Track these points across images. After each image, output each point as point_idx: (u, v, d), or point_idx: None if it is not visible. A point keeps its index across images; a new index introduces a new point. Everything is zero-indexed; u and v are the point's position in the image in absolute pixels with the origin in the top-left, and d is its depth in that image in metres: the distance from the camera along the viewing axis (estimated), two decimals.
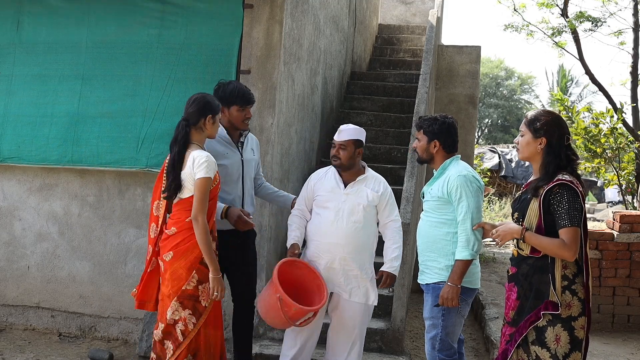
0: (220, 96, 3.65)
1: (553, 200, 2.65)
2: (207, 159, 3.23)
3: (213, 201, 3.35)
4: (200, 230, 3.19)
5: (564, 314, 2.65)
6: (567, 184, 2.62)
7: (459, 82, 8.50)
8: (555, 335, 2.64)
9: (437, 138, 3.41)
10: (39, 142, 4.85)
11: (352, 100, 7.48)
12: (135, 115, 4.70)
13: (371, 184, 3.69)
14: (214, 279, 3.24)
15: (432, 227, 3.36)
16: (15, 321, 5.02)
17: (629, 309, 5.17)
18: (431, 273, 3.34)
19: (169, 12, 4.73)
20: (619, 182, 8.06)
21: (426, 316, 3.39)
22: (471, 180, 3.27)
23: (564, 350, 2.64)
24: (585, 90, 31.02)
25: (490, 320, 5.30)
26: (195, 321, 3.27)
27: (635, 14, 9.78)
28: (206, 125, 3.36)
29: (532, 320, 2.69)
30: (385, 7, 11.60)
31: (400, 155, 6.47)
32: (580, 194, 2.63)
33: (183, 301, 3.26)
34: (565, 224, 2.61)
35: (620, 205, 13.70)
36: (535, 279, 2.71)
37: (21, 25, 4.99)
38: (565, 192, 2.62)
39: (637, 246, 5.12)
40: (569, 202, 2.61)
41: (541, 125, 2.73)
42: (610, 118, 7.81)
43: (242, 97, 3.66)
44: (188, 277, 3.25)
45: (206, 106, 3.36)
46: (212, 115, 3.37)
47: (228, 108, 3.66)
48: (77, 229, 4.92)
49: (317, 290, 3.57)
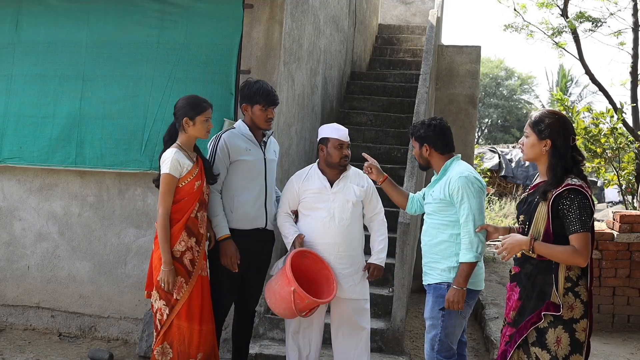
0: (245, 94, 3.69)
1: (563, 205, 2.61)
2: (172, 157, 3.38)
3: (185, 202, 3.43)
4: (159, 221, 3.38)
5: (566, 315, 2.64)
6: (577, 188, 2.59)
7: (459, 82, 8.50)
8: (556, 337, 2.63)
9: (426, 142, 3.42)
10: (41, 143, 4.85)
11: (352, 100, 7.48)
12: (137, 116, 4.70)
13: (355, 179, 3.73)
14: (164, 271, 3.36)
15: (435, 230, 3.35)
16: (15, 321, 5.02)
17: (629, 309, 5.17)
18: (434, 274, 3.34)
19: (169, 12, 4.73)
20: (619, 182, 8.06)
21: (426, 316, 3.39)
22: (472, 181, 3.25)
23: (564, 353, 2.63)
24: (585, 90, 31.01)
25: (490, 320, 5.30)
26: (168, 312, 3.40)
27: (634, 14, 9.77)
28: (185, 128, 3.47)
29: (533, 321, 2.68)
30: (385, 7, 11.60)
31: (400, 155, 6.47)
32: (590, 197, 2.62)
33: (159, 292, 3.41)
34: (577, 229, 2.57)
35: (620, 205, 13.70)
36: (539, 279, 2.70)
37: (20, 25, 4.98)
38: (575, 197, 2.59)
39: (637, 246, 5.12)
40: (580, 208, 2.58)
41: (546, 126, 2.70)
42: (610, 118, 7.81)
43: (266, 97, 3.66)
44: (160, 267, 3.39)
45: (182, 109, 3.47)
46: (189, 118, 3.45)
47: (251, 107, 3.68)
48: (77, 229, 4.92)
49: (325, 281, 3.59)
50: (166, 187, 3.39)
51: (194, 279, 3.45)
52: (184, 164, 3.40)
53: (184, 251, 3.43)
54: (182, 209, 3.43)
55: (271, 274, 3.77)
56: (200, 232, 3.50)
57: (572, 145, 2.70)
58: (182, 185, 3.42)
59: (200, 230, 3.50)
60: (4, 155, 4.93)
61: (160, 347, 3.42)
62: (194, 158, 3.50)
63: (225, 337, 4.45)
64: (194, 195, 3.45)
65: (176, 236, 3.40)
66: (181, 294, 3.41)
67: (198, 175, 3.47)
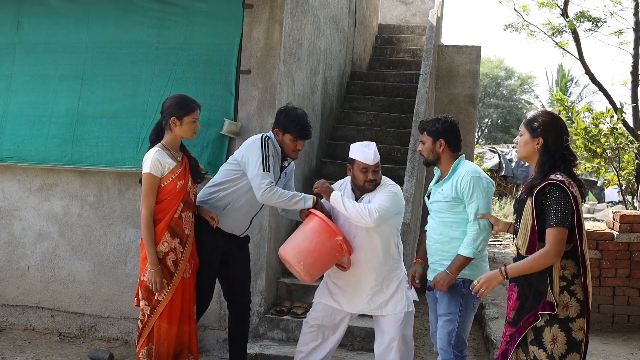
0: (281, 120, 3.68)
1: (544, 199, 2.65)
2: (153, 157, 3.36)
3: (167, 201, 3.41)
4: (142, 222, 3.37)
5: (562, 314, 2.65)
6: (558, 183, 2.62)
7: (459, 82, 8.50)
8: (552, 336, 2.65)
9: (442, 137, 3.43)
10: (38, 141, 4.85)
11: (352, 100, 7.48)
12: (136, 115, 4.70)
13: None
14: (150, 272, 3.35)
15: (446, 228, 3.37)
16: (15, 321, 5.02)
17: (628, 309, 5.17)
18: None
19: (169, 12, 4.73)
20: (619, 182, 8.06)
21: (443, 312, 3.37)
22: (483, 180, 3.32)
23: (560, 351, 2.64)
24: (585, 90, 31.02)
25: (490, 320, 5.29)
26: (149, 313, 3.40)
27: (635, 14, 9.77)
28: (172, 127, 3.44)
29: (530, 321, 2.70)
30: (385, 7, 11.60)
31: (400, 155, 6.46)
32: (571, 194, 2.63)
33: (142, 292, 3.42)
34: (552, 224, 2.60)
35: (620, 205, 13.70)
36: (534, 279, 2.71)
37: (21, 25, 4.99)
38: (554, 192, 2.62)
39: (637, 246, 5.11)
40: (558, 202, 2.61)
41: (538, 125, 2.74)
42: (610, 118, 7.81)
43: (299, 131, 3.66)
44: (143, 267, 3.40)
45: (170, 108, 3.45)
46: (177, 118, 3.42)
47: (283, 133, 3.67)
48: (77, 229, 4.92)
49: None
50: (147, 186, 3.37)
51: (176, 281, 3.43)
52: (165, 163, 3.38)
53: (167, 252, 3.40)
54: (165, 209, 3.40)
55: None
56: (185, 232, 3.46)
57: (564, 145, 2.72)
58: (164, 185, 3.39)
59: (185, 231, 3.46)
60: (2, 155, 4.93)
61: (145, 350, 3.41)
62: (178, 157, 3.48)
63: (224, 337, 4.46)
64: (176, 194, 3.42)
65: (159, 236, 3.38)
66: (163, 295, 3.39)
67: (181, 175, 3.44)
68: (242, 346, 3.90)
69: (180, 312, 3.45)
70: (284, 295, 4.91)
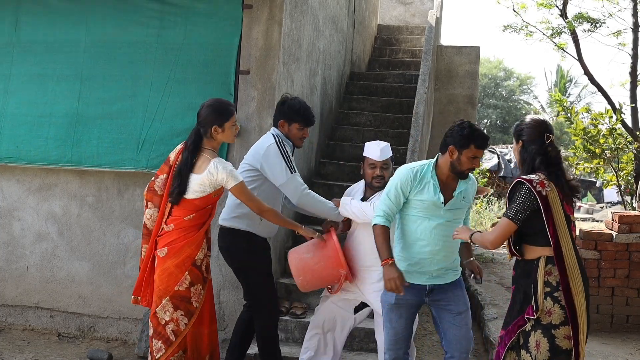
0: (284, 111, 3.70)
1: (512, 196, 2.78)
2: (227, 167, 3.32)
3: (209, 208, 3.43)
4: (271, 217, 3.45)
5: (544, 320, 2.65)
6: (524, 181, 2.71)
7: (458, 83, 8.51)
8: (536, 341, 2.66)
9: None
10: (38, 142, 4.85)
11: (351, 101, 7.48)
12: (135, 116, 4.70)
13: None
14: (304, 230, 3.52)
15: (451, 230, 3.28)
16: (14, 321, 5.02)
17: (627, 309, 5.17)
18: (457, 271, 3.35)
19: (168, 12, 4.73)
20: (617, 182, 8.06)
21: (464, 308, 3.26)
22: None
23: (542, 357, 2.64)
24: (584, 90, 31.03)
25: (489, 321, 5.29)
26: (187, 322, 3.36)
27: (634, 15, 9.76)
28: (213, 135, 3.39)
29: (519, 324, 2.72)
30: (385, 8, 11.60)
31: (399, 156, 6.45)
32: (538, 193, 2.66)
33: (175, 302, 3.33)
34: (505, 214, 2.73)
35: (619, 206, 13.70)
36: (521, 282, 2.75)
37: (19, 25, 4.99)
38: (521, 189, 2.72)
39: (636, 246, 5.12)
40: (517, 198, 2.71)
41: (519, 129, 2.89)
42: (609, 118, 7.80)
43: (305, 118, 3.72)
44: (179, 277, 3.31)
45: (209, 117, 3.37)
46: (218, 126, 3.37)
47: (289, 124, 3.71)
48: (76, 229, 4.92)
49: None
50: (248, 192, 3.37)
51: (207, 284, 3.48)
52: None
53: (202, 258, 3.43)
54: (205, 214, 3.42)
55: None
56: (209, 236, 3.54)
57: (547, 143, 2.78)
58: (215, 196, 3.43)
59: (209, 235, 3.54)
60: (1, 155, 4.93)
61: (175, 357, 3.37)
62: None
63: (224, 338, 4.45)
64: (214, 201, 3.47)
65: (200, 242, 3.39)
66: (200, 300, 3.41)
67: None
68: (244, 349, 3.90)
69: (208, 314, 3.49)
70: (283, 296, 4.90)
